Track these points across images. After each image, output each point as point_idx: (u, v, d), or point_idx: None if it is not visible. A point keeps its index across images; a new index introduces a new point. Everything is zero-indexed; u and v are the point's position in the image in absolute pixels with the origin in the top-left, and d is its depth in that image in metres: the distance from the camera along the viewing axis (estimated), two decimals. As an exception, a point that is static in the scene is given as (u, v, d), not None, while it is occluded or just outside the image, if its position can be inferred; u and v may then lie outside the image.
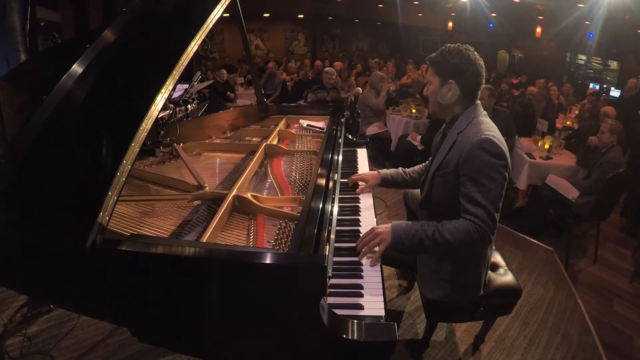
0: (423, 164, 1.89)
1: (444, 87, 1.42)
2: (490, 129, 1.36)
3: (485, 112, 1.46)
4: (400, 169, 1.89)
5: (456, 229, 1.30)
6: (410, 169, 1.88)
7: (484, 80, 1.43)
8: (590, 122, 4.32)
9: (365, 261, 1.34)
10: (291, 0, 10.62)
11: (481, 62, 1.41)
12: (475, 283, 1.55)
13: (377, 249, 1.34)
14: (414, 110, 4.90)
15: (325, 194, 1.33)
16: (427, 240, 1.33)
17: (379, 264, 1.32)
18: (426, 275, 1.59)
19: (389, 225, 1.38)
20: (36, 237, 1.06)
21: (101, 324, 2.02)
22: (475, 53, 1.41)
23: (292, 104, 3.11)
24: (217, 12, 1.43)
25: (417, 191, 2.02)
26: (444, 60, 1.40)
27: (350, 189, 1.84)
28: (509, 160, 1.35)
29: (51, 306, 2.10)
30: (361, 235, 1.42)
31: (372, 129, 4.95)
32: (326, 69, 5.10)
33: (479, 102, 1.46)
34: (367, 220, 1.61)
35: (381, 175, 1.85)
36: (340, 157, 1.84)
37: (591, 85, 8.35)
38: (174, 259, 1.00)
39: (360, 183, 1.86)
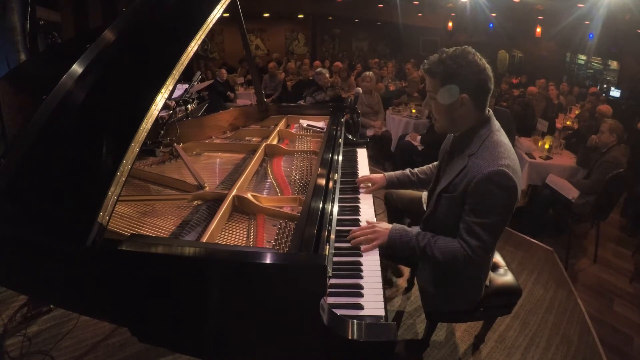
0: (431, 164, 1.84)
1: (455, 102, 1.28)
2: (505, 154, 1.25)
3: (499, 126, 1.35)
4: (407, 170, 1.87)
5: (447, 250, 1.33)
6: (417, 169, 1.85)
7: (493, 83, 1.31)
8: (590, 122, 4.33)
9: (364, 260, 1.34)
10: (291, 0, 10.62)
11: (486, 63, 1.29)
12: (473, 295, 1.54)
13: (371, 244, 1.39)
14: (413, 110, 4.90)
15: (325, 194, 1.32)
16: (418, 250, 1.38)
17: (379, 266, 1.32)
18: (425, 285, 1.58)
19: (390, 226, 1.44)
20: (36, 236, 1.06)
21: (101, 324, 2.02)
22: (478, 54, 1.29)
23: (292, 104, 3.11)
24: (217, 12, 1.43)
25: (401, 191, 2.02)
26: (451, 71, 1.25)
27: (351, 189, 1.84)
28: (520, 189, 1.26)
29: (51, 306, 2.10)
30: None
31: (370, 130, 4.94)
32: (317, 69, 5.05)
33: (490, 111, 1.36)
34: (367, 220, 1.60)
35: (386, 178, 1.84)
36: (340, 157, 1.84)
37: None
38: (174, 259, 1.00)
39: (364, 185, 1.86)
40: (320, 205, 1.24)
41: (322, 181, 1.40)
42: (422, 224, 1.54)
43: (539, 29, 9.03)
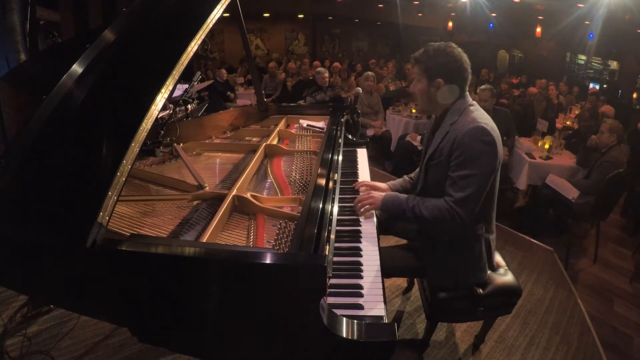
0: None
1: (432, 86, 1.45)
2: (482, 117, 1.40)
3: (476, 104, 1.48)
4: (405, 177, 1.89)
5: (433, 207, 1.42)
6: (413, 173, 1.88)
7: (470, 74, 1.45)
8: (590, 122, 4.33)
9: (364, 260, 1.34)
10: (291, 0, 10.62)
11: (466, 57, 1.43)
12: (478, 266, 1.58)
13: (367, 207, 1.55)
14: (413, 110, 4.90)
15: (325, 194, 1.33)
16: (408, 211, 1.49)
17: (379, 266, 1.32)
18: (432, 265, 1.61)
19: (384, 193, 1.60)
20: (36, 236, 1.06)
21: (101, 324, 2.02)
22: (459, 49, 1.43)
23: (292, 104, 3.11)
24: (217, 12, 1.43)
25: None
26: (430, 59, 1.43)
27: (351, 190, 1.84)
28: (500, 149, 1.39)
29: (51, 306, 2.10)
30: (361, 233, 1.50)
31: (370, 130, 4.94)
32: (317, 69, 5.05)
33: (467, 93, 1.49)
34: (367, 219, 1.60)
35: (390, 187, 1.81)
36: (340, 157, 1.84)
37: (591, 85, 8.35)
38: (174, 259, 1.00)
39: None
40: (320, 205, 1.24)
41: (322, 181, 1.40)
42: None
43: (539, 29, 9.03)
